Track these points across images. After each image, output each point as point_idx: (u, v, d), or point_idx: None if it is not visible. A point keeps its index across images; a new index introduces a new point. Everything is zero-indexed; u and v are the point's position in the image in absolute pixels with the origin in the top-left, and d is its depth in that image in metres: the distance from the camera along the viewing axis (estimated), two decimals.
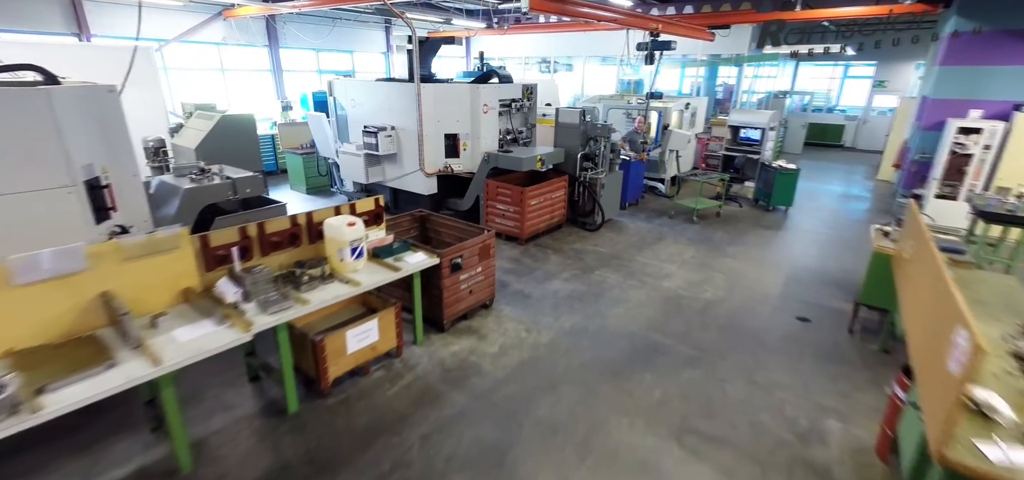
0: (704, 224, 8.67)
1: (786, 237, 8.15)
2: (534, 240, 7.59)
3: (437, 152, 7.80)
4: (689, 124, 11.40)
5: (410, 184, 8.09)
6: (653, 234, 8.09)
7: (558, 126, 8.24)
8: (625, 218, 8.94)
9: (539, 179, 7.97)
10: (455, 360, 4.43)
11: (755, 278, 6.38)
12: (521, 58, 17.69)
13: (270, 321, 3.30)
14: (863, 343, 4.84)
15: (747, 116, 10.27)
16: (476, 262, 5.01)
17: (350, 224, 4.09)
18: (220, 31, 11.05)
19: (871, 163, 14.96)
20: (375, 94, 8.15)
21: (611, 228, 8.33)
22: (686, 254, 7.20)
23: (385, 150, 7.86)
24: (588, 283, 6.13)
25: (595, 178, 7.98)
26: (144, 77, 7.34)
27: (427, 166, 7.75)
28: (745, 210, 9.64)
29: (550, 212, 7.77)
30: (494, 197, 7.52)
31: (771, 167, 9.39)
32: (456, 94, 7.64)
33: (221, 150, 6.10)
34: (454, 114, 7.70)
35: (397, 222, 5.67)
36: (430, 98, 7.45)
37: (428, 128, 7.58)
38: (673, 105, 10.70)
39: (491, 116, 7.86)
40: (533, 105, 8.65)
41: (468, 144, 7.92)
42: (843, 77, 20.27)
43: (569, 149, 8.08)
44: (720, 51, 15.45)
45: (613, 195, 8.56)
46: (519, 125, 8.56)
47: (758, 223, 8.82)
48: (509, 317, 5.23)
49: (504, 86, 8.14)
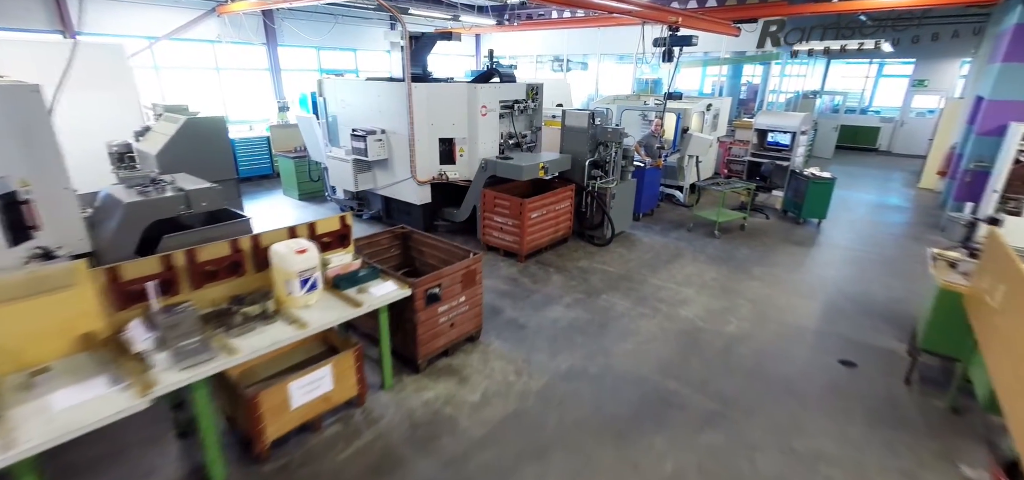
0: (726, 239, 7.82)
1: (820, 255, 7.25)
2: (535, 257, 6.85)
3: (431, 158, 7.12)
4: (711, 127, 10.51)
5: (402, 193, 7.43)
6: (669, 250, 7.28)
7: (565, 130, 7.49)
8: (638, 231, 8.13)
9: (543, 188, 7.23)
10: (427, 411, 3.73)
11: (787, 307, 5.54)
12: (533, 56, 16.95)
13: (179, 379, 2.64)
14: (925, 398, 3.98)
15: (776, 118, 9.35)
16: (459, 291, 4.31)
17: (300, 251, 3.42)
18: (214, 28, 10.58)
19: (910, 169, 13.81)
20: (364, 94, 7.52)
21: (622, 243, 7.54)
22: (706, 275, 6.38)
23: (375, 155, 7.21)
24: (592, 310, 5.37)
25: (605, 188, 7.20)
26: (115, 75, 6.85)
27: (419, 173, 7.08)
28: (772, 222, 8.74)
29: (554, 225, 7.03)
30: (491, 208, 6.81)
31: (803, 175, 8.48)
32: (451, 94, 6.95)
33: (187, 156, 5.53)
34: (449, 116, 7.01)
35: (375, 241, 5.00)
36: (422, 99, 6.78)
37: (420, 131, 6.91)
38: (693, 106, 9.84)
39: (491, 119, 7.15)
40: (538, 106, 7.92)
41: (465, 149, 7.22)
42: (877, 76, 19.01)
43: (576, 155, 7.32)
44: (718, 50, 14.48)
45: (625, 206, 7.77)
46: (523, 128, 7.84)
47: (787, 238, 7.93)
48: (498, 353, 4.51)
49: (505, 86, 7.42)
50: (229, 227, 4.69)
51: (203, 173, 5.61)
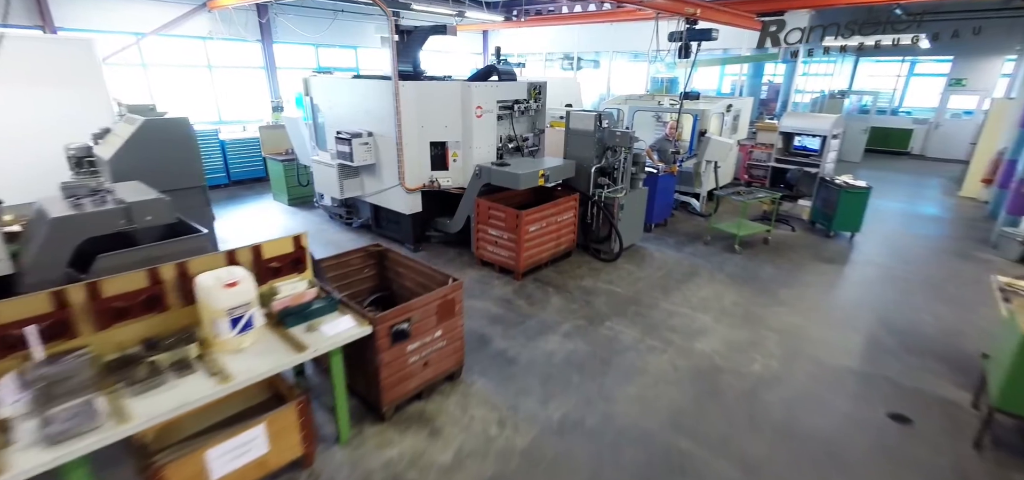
0: (748, 254, 7.06)
1: (855, 275, 6.45)
2: (533, 274, 6.19)
3: (421, 163, 6.51)
4: (731, 130, 9.72)
5: (390, 201, 6.82)
6: (684, 267, 6.55)
7: (569, 133, 6.81)
8: (650, 244, 7.41)
9: (544, 197, 6.56)
10: (386, 477, 3.09)
11: (821, 341, 4.79)
12: (542, 54, 16.26)
13: (42, 462, 2.05)
14: (1001, 470, 3.23)
15: (804, 120, 8.54)
16: (433, 324, 3.67)
17: (229, 284, 2.82)
18: (205, 24, 10.12)
19: (948, 175, 12.81)
20: (351, 94, 6.93)
21: (631, 258, 6.83)
22: (726, 298, 5.65)
23: (361, 160, 6.61)
24: (594, 341, 4.69)
25: (612, 197, 6.50)
26: (83, 72, 6.37)
27: (408, 180, 6.46)
28: (799, 235, 7.94)
29: (555, 239, 6.35)
30: (485, 220, 6.17)
31: (834, 183, 7.66)
32: (443, 94, 6.32)
33: (146, 161, 4.99)
34: (441, 118, 6.38)
35: (345, 261, 4.40)
36: (411, 98, 6.16)
37: (409, 134, 6.29)
38: (712, 107, 9.07)
39: (487, 120, 6.51)
40: (541, 107, 7.25)
41: (459, 154, 6.59)
42: (908, 75, 17.90)
43: (581, 161, 6.63)
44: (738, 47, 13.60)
45: (635, 217, 7.06)
46: (524, 131, 7.18)
47: (817, 254, 7.13)
48: (480, 397, 3.86)
49: (504, 85, 6.76)
50: (182, 244, 4.10)
51: (164, 180, 5.06)
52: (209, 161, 9.84)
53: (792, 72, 16.78)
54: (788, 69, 17.54)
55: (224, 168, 10.13)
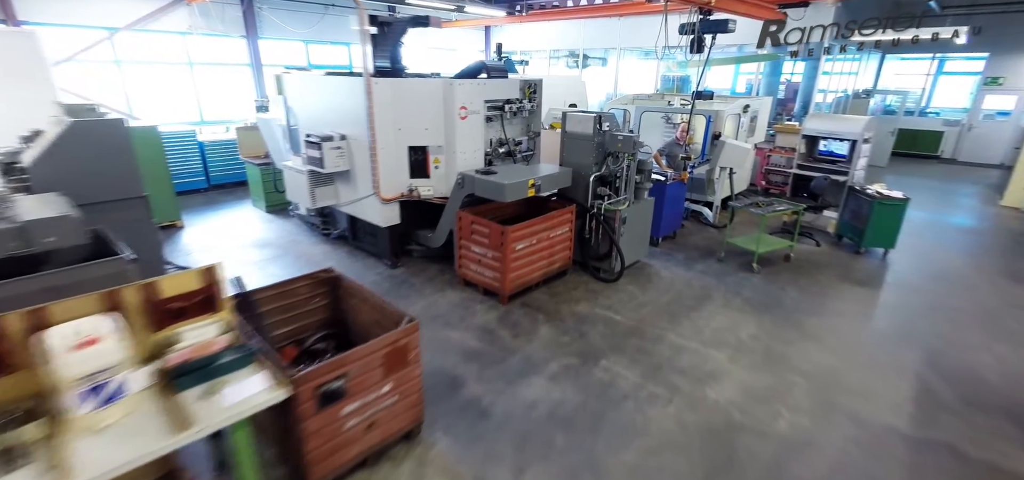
0: (768, 273, 6.25)
1: (893, 301, 5.62)
2: (522, 297, 5.45)
3: (398, 170, 5.81)
4: (747, 132, 8.90)
5: (366, 212, 6.13)
6: (694, 289, 5.77)
7: (565, 137, 6.07)
8: (656, 260, 6.63)
9: (537, 209, 5.85)
10: None
11: (859, 389, 3.99)
12: (546, 51, 15.48)
13: None
14: None
15: (831, 123, 7.69)
16: (380, 378, 2.96)
17: (83, 343, 2.13)
18: (184, 19, 9.53)
19: (984, 181, 11.82)
20: (322, 92, 6.27)
21: (635, 277, 6.06)
22: (743, 330, 4.86)
23: (333, 166, 5.93)
24: (586, 386, 3.95)
25: (613, 210, 5.74)
26: (23, 67, 5.77)
27: (384, 189, 5.76)
28: (824, 251, 7.10)
29: (548, 257, 5.61)
30: (467, 235, 5.45)
31: (865, 193, 6.82)
32: (422, 92, 5.62)
33: (74, 168, 4.35)
34: (421, 119, 5.68)
35: (290, 290, 3.71)
36: (385, 98, 5.46)
37: (384, 138, 5.59)
38: (726, 107, 8.26)
39: (474, 122, 5.80)
40: (536, 108, 6.52)
41: (441, 160, 5.88)
42: (936, 73, 16.83)
43: (579, 169, 5.89)
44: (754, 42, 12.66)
45: (640, 231, 6.29)
46: (517, 134, 6.45)
47: (846, 274, 6.30)
48: (440, 465, 3.15)
49: (493, 82, 6.04)
50: (89, 272, 3.42)
51: (95, 191, 4.46)
52: (187, 164, 9.27)
53: (813, 71, 15.87)
54: (808, 68, 16.60)
55: (203, 172, 9.55)
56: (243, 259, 6.42)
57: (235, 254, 6.58)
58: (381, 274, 6.03)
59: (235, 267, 6.14)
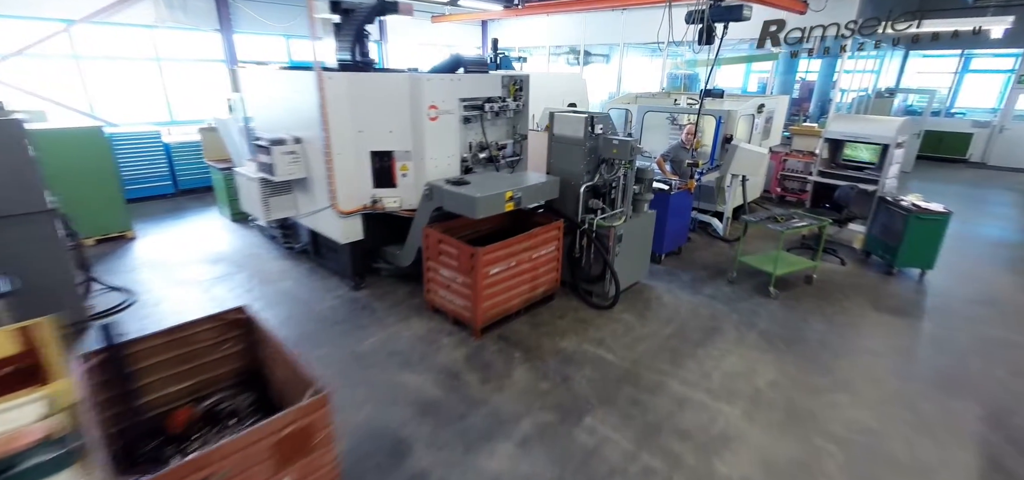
0: (787, 298, 5.42)
1: (937, 334, 4.77)
2: (499, 328, 4.66)
3: (359, 178, 5.05)
4: (762, 135, 8.05)
5: (324, 226, 5.38)
6: (701, 318, 4.96)
7: (552, 142, 5.28)
8: (658, 280, 5.82)
9: (522, 224, 5.07)
10: None
11: (908, 462, 3.17)
12: (546, 48, 14.66)
13: None
14: None
15: (858, 125, 6.81)
16: (272, 471, 2.19)
17: None
18: (150, 11, 8.84)
19: (1019, 188, 10.85)
20: (274, 89, 5.52)
21: (632, 303, 5.26)
22: (760, 374, 4.05)
23: (285, 174, 5.19)
24: (563, 456, 3.16)
25: (608, 227, 4.94)
26: None
27: (342, 200, 5.01)
28: (851, 271, 6.25)
29: (530, 280, 4.82)
30: (435, 256, 4.68)
31: (898, 206, 5.96)
32: (385, 89, 4.85)
33: None
34: (385, 120, 4.92)
35: (189, 338, 2.95)
36: (341, 94, 4.70)
37: (342, 141, 4.83)
38: (739, 107, 7.42)
39: (447, 124, 5.03)
40: (522, 107, 5.73)
41: (409, 167, 5.11)
42: (961, 70, 15.79)
43: (568, 177, 5.10)
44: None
45: (639, 248, 5.49)
46: (501, 137, 5.68)
47: (879, 300, 5.45)
48: None
49: (470, 78, 5.26)
50: None
51: None
52: (152, 167, 8.58)
53: (830, 68, 14.93)
54: (824, 65, 15.68)
55: (170, 176, 8.85)
56: (189, 277, 5.70)
57: (183, 271, 5.86)
58: (341, 298, 5.28)
59: (177, 287, 5.42)
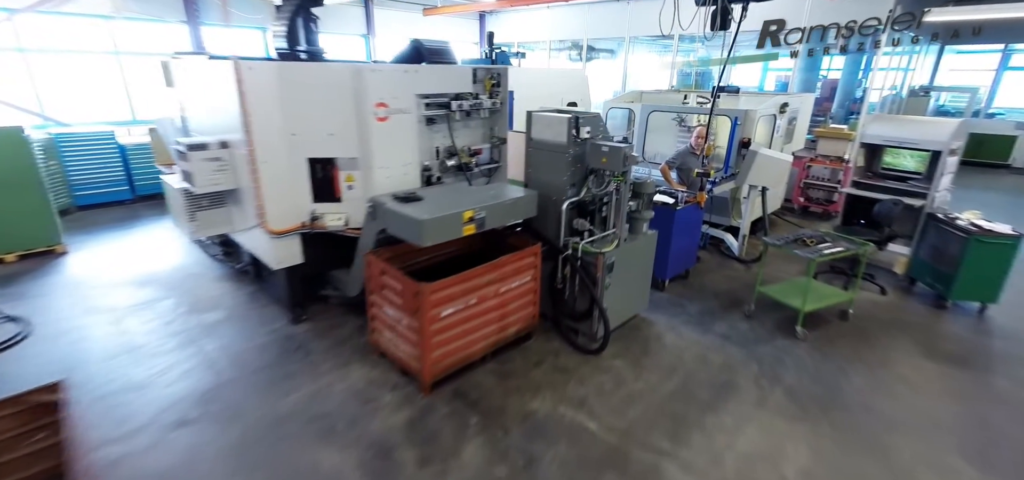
0: (818, 339, 4.43)
1: (1018, 397, 3.75)
2: (456, 380, 3.74)
3: (294, 191, 4.16)
4: (784, 138, 7.03)
5: (258, 248, 4.51)
6: (712, 369, 3.99)
7: (530, 148, 4.35)
8: (660, 313, 4.86)
9: (495, 248, 4.16)
10: None
11: None
12: (547, 42, 13.70)
13: None
14: None
15: (903, 127, 5.75)
16: None
17: None
18: (106, 0, 8.08)
19: None
20: (199, 83, 4.67)
21: (627, 344, 4.30)
22: (789, 461, 3.07)
23: (207, 184, 4.31)
24: None
25: (595, 253, 3.99)
26: None
27: (272, 218, 4.12)
28: (893, 302, 5.23)
29: (498, 319, 3.90)
30: (378, 290, 3.77)
31: (953, 225, 4.93)
32: (320, 83, 3.96)
33: None
34: (324, 121, 4.03)
35: None
36: (267, 89, 3.81)
37: (271, 145, 3.95)
38: (758, 106, 6.41)
39: (401, 125, 4.15)
40: (501, 105, 4.82)
41: (356, 177, 4.22)
42: (1000, 68, 14.52)
43: (548, 191, 4.17)
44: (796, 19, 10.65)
45: (637, 274, 4.54)
46: (476, 141, 4.79)
47: (932, 343, 4.43)
48: None
49: (430, 71, 4.36)
50: None
51: None
52: (105, 172, 7.83)
53: (854, 65, 13.80)
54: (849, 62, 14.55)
55: (127, 180, 8.08)
56: (106, 303, 4.87)
57: (103, 295, 5.04)
58: (275, 333, 4.40)
59: (88, 316, 4.59)
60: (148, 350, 4.11)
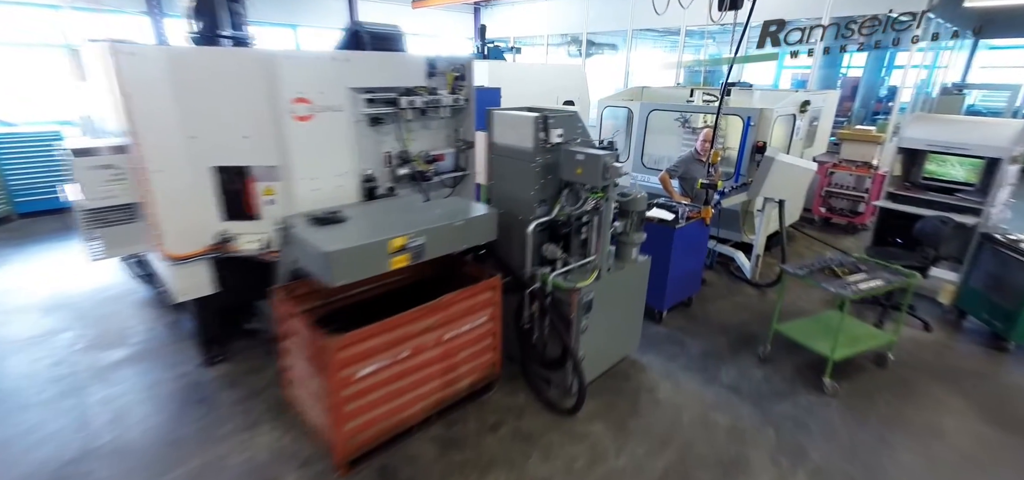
0: (850, 392, 3.56)
1: None
2: (386, 452, 2.92)
3: (198, 206, 3.37)
4: (805, 142, 6.13)
5: (162, 274, 3.73)
6: (717, 437, 3.14)
7: (491, 153, 3.53)
8: (656, 353, 4.01)
9: (454, 278, 3.35)
10: None
11: None
12: (545, 37, 12.85)
13: None
14: None
15: (953, 130, 4.81)
16: None
17: None
18: None
19: None
20: (98, 74, 3.89)
21: (610, 402, 3.46)
22: None
23: (99, 195, 3.55)
24: None
25: (568, 289, 3.15)
26: None
27: (170, 239, 3.34)
28: (939, 340, 4.33)
29: (442, 374, 3.07)
30: (288, 335, 2.97)
31: (1017, 250, 4.02)
32: (227, 73, 3.16)
33: None
34: (233, 121, 3.24)
35: None
36: (157, 82, 3.03)
37: (164, 149, 3.17)
38: (775, 105, 5.51)
39: (330, 126, 3.37)
40: (466, 103, 4.02)
41: (277, 190, 3.43)
42: None
43: (513, 208, 3.35)
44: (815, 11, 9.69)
45: (625, 310, 3.70)
46: (438, 145, 4.01)
47: (996, 405, 3.53)
48: None
49: (368, 59, 3.57)
50: None
51: None
52: (49, 176, 7.13)
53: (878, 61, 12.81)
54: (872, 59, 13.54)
55: None
56: (1, 335, 4.13)
57: (2, 324, 4.30)
58: (182, 379, 3.63)
59: None
60: (19, 400, 3.36)
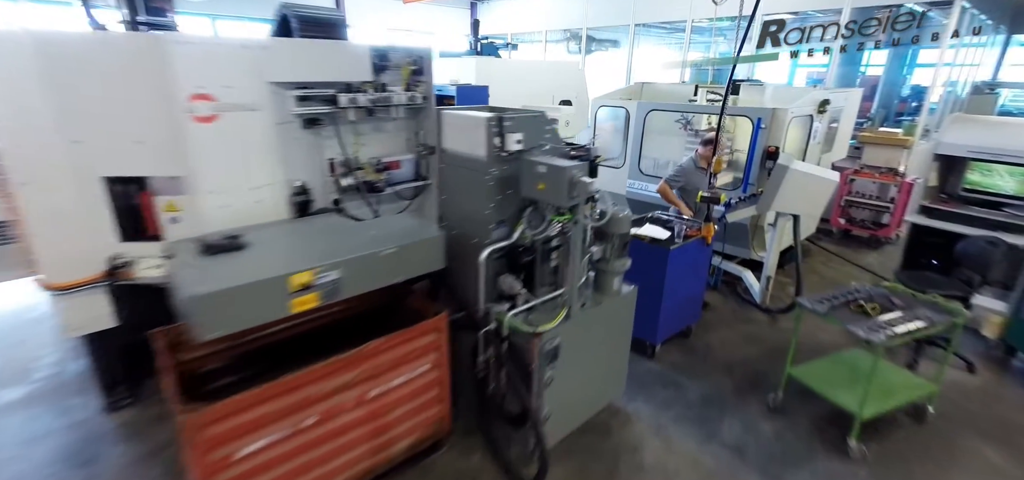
0: (881, 455, 2.89)
1: None
2: None
3: (85, 225, 2.79)
4: (822, 147, 5.44)
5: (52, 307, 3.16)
6: None
7: (443, 164, 2.92)
8: (645, 399, 3.36)
9: (395, 311, 2.74)
10: None
11: None
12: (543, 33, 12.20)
13: None
14: None
15: (1003, 134, 4.10)
16: None
17: None
18: None
19: None
20: None
21: (584, 464, 2.82)
22: None
23: None
24: None
25: (528, 333, 2.51)
26: None
27: (49, 265, 2.76)
28: (985, 384, 3.63)
29: (370, 439, 2.45)
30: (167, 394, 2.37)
31: None
32: (114, 62, 2.57)
33: None
34: (125, 122, 2.65)
35: None
36: (26, 72, 2.45)
37: (35, 157, 2.59)
38: (789, 105, 4.83)
39: (243, 128, 2.77)
40: (424, 102, 3.40)
41: (181, 206, 2.84)
42: None
43: (467, 230, 2.73)
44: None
45: (608, 351, 3.06)
46: (395, 150, 3.43)
47: None
48: None
49: (293, 48, 2.97)
50: None
51: None
52: None
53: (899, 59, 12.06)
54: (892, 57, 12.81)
55: None
56: None
57: None
58: (75, 430, 3.05)
59: None
60: None
